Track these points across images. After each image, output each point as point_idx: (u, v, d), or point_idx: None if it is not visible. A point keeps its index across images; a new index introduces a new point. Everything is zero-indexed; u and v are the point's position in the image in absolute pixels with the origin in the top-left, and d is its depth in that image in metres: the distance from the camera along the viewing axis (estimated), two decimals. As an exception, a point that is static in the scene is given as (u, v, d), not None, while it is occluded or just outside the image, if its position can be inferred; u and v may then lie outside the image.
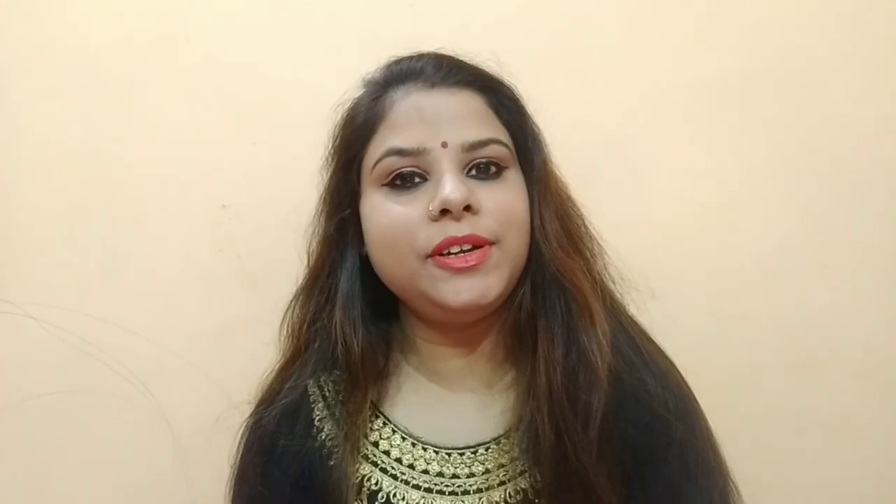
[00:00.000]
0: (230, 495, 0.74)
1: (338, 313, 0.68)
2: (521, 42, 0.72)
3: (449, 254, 0.62)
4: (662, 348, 0.73)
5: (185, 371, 0.91)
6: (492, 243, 0.63)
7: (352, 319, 0.68)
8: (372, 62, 0.73)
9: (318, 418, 0.71)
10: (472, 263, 0.62)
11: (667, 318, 0.78)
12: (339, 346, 0.68)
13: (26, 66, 0.91)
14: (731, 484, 0.71)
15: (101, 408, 0.91)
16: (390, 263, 0.65)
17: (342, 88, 0.76)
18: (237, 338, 0.91)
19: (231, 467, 0.74)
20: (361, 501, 0.67)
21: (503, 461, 0.67)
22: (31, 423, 0.90)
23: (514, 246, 0.65)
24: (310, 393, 0.72)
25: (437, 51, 0.70)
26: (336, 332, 0.68)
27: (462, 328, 0.69)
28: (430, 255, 0.62)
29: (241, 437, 0.74)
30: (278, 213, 0.92)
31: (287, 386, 0.72)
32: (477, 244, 0.62)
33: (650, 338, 0.73)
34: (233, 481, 0.73)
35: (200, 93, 0.93)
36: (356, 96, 0.71)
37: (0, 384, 0.90)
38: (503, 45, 0.72)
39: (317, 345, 0.71)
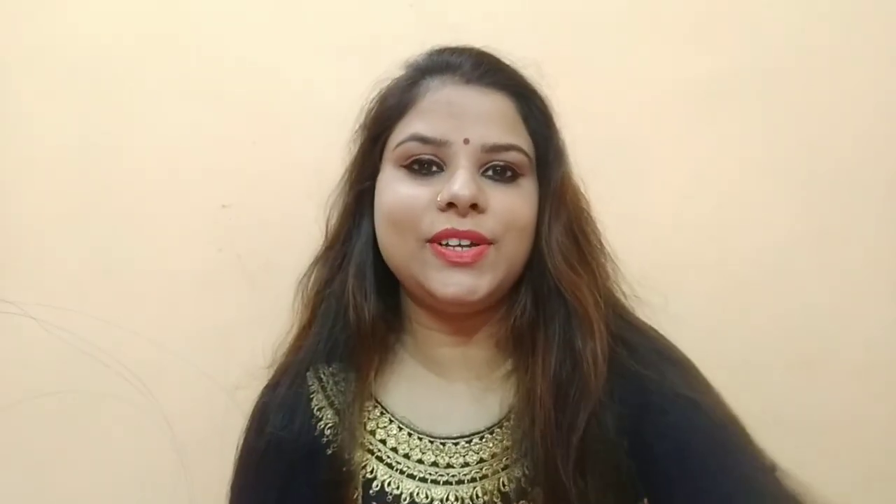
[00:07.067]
0: (234, 469, 0.74)
1: (350, 280, 0.70)
2: (520, 42, 0.72)
3: (447, 245, 0.63)
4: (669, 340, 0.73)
5: (185, 371, 0.91)
6: (490, 243, 0.64)
7: (363, 287, 0.70)
8: (372, 62, 0.73)
9: (316, 408, 0.72)
10: (467, 260, 0.63)
11: (666, 317, 0.78)
12: (351, 311, 0.69)
13: (26, 66, 0.91)
14: (749, 435, 0.68)
15: (101, 408, 0.91)
16: (393, 241, 0.67)
17: (342, 88, 0.76)
18: (237, 338, 0.91)
19: (238, 440, 0.74)
20: (357, 489, 0.67)
21: (497, 450, 0.68)
22: (30, 423, 0.90)
23: (512, 249, 0.66)
24: (309, 383, 0.73)
25: (481, 48, 0.71)
26: (348, 296, 0.69)
27: (457, 317, 0.69)
28: (430, 241, 0.64)
29: (251, 414, 0.75)
30: (278, 213, 0.93)
31: (298, 358, 0.73)
32: (476, 241, 0.63)
33: (658, 333, 0.73)
34: (237, 456, 0.74)
35: (200, 93, 0.93)
36: (396, 76, 0.72)
37: (0, 384, 0.90)
38: (502, 44, 0.72)
39: (325, 306, 0.72)
